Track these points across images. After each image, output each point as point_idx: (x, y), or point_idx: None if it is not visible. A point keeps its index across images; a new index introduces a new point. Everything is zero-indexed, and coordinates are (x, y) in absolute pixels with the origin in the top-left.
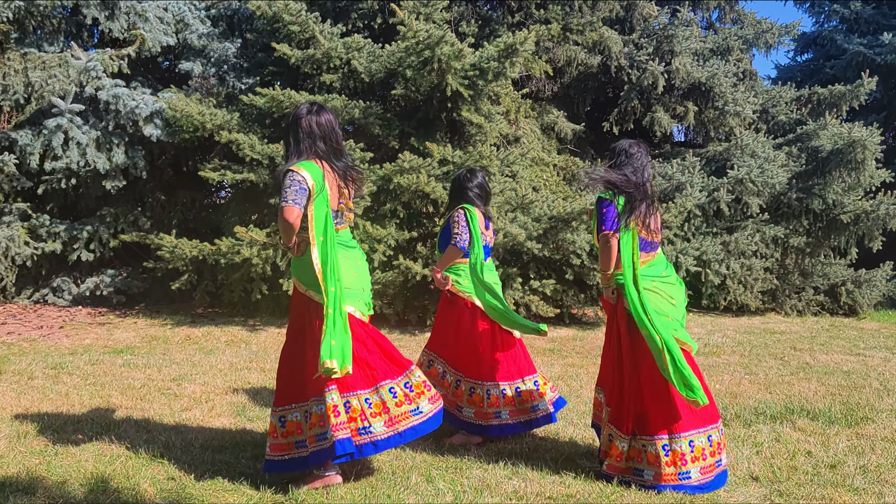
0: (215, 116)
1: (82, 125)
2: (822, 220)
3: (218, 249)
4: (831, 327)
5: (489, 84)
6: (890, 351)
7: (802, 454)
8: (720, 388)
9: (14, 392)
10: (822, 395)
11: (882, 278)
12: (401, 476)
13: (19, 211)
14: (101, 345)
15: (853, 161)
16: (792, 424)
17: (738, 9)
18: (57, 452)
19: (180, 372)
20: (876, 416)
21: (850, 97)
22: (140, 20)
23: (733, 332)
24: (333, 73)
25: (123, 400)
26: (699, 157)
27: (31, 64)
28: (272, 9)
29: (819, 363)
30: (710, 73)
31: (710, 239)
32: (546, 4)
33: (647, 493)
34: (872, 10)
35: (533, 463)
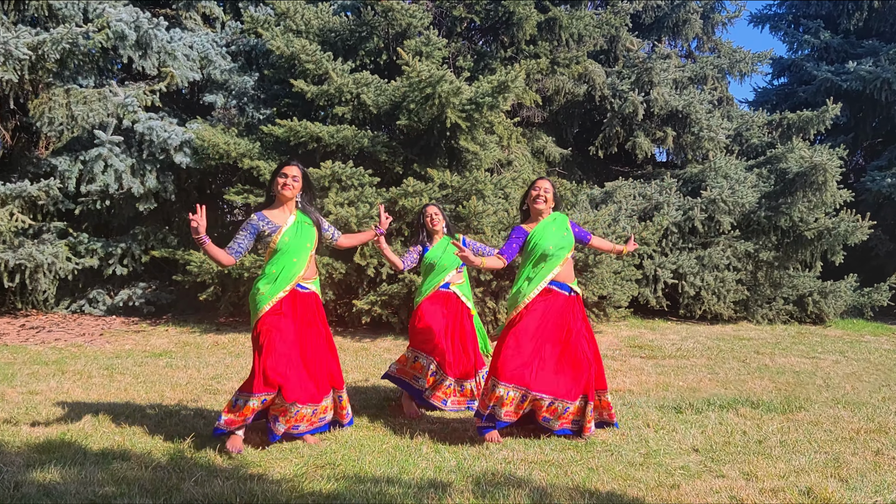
0: (239, 146)
1: (120, 154)
2: (789, 235)
3: (241, 264)
4: (797, 334)
5: (484, 115)
6: (842, 354)
7: (738, 433)
8: (682, 384)
9: (81, 388)
10: (769, 390)
11: (847, 289)
12: (414, 447)
13: (57, 229)
14: (141, 350)
15: (815, 182)
16: (735, 412)
17: (714, 38)
18: (134, 433)
19: (216, 372)
20: (809, 406)
21: (816, 122)
22: (169, 58)
23: (705, 339)
24: (344, 105)
25: (174, 394)
26: (676, 178)
27: (73, 98)
28: (290, 49)
29: (776, 365)
30: (687, 101)
31: (686, 254)
32: (536, 40)
33: (611, 454)
34: (841, 40)
35: (519, 438)
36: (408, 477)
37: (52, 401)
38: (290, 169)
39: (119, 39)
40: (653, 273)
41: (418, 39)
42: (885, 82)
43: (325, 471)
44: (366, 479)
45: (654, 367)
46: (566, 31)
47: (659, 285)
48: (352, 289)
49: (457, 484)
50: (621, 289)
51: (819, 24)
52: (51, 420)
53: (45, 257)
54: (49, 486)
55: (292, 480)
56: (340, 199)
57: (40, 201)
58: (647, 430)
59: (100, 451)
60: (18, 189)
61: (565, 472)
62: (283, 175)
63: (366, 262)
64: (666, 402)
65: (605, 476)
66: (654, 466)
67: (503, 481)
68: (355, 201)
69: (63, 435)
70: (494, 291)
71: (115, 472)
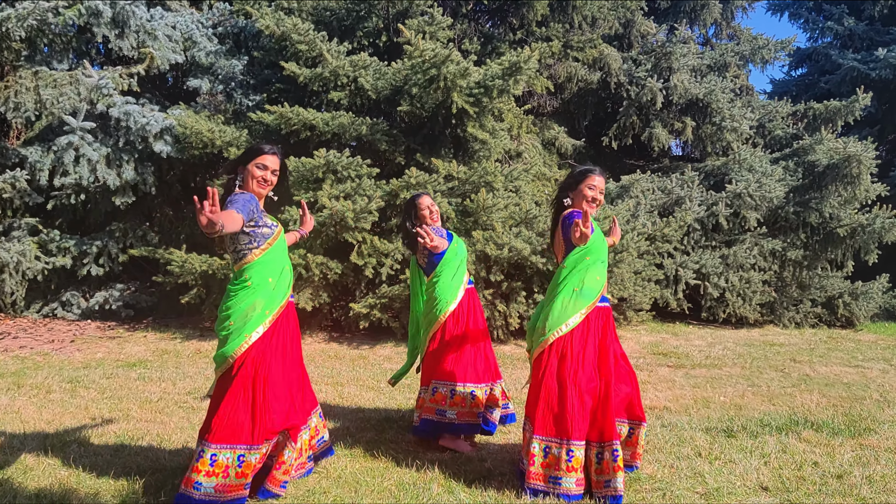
0: (224, 133)
1: (93, 142)
2: (819, 233)
3: (227, 264)
4: (829, 339)
5: (493, 101)
6: (888, 363)
7: (809, 465)
8: (724, 399)
9: (34, 405)
10: (824, 407)
11: (878, 290)
12: (422, 485)
13: (28, 226)
14: (114, 358)
15: (849, 175)
16: (797, 435)
17: (734, 25)
18: (84, 465)
19: (195, 385)
20: (878, 427)
21: (845, 112)
22: (149, 38)
23: (733, 345)
24: (340, 90)
25: (142, 413)
26: (697, 172)
27: (42, 81)
28: (281, 28)
29: (819, 375)
30: (708, 89)
31: (709, 252)
32: (547, 22)
33: (663, 494)
34: (866, 27)
35: None
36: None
37: None
38: (271, 160)
39: (93, 16)
40: (674, 273)
41: (421, 19)
42: None
43: None
44: None
45: (685, 378)
46: (579, 13)
47: (680, 286)
48: (348, 291)
49: None
50: (642, 290)
51: (843, 10)
52: None
53: (10, 256)
54: None
55: None
56: (336, 192)
57: (5, 194)
58: (699, 462)
59: (35, 492)
60: None
61: None
62: (260, 167)
63: (363, 261)
64: (712, 423)
65: None
66: None
67: None
68: (352, 194)
69: None
70: (505, 294)
71: None
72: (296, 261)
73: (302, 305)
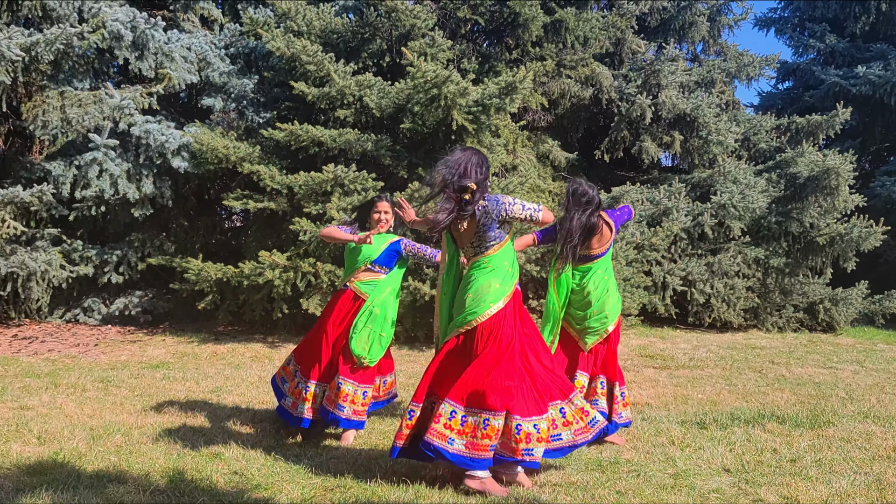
0: (238, 150)
1: (115, 158)
2: (800, 242)
3: (241, 272)
4: (809, 343)
5: (491, 118)
6: (860, 364)
7: (769, 451)
8: (702, 397)
9: (74, 402)
10: (792, 403)
11: (858, 296)
12: (431, 469)
13: (51, 236)
14: (137, 360)
15: (828, 187)
16: (762, 427)
17: (721, 42)
18: (131, 451)
19: (216, 384)
20: (837, 421)
21: (826, 126)
22: (166, 60)
23: (717, 348)
24: (347, 108)
25: (173, 409)
26: (685, 183)
27: (68, 101)
28: (291, 50)
29: (794, 375)
30: (695, 104)
31: (696, 260)
32: (541, 42)
33: (638, 475)
34: (847, 44)
35: None
36: (425, 503)
37: (45, 417)
38: None
39: (115, 40)
40: (661, 280)
41: (423, 41)
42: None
43: (335, 494)
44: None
45: (668, 377)
46: (572, 34)
47: (667, 292)
48: None
49: None
50: (631, 296)
51: (825, 28)
52: (43, 438)
53: (38, 265)
54: None
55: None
56: (343, 204)
57: (33, 207)
58: (672, 448)
59: (94, 472)
60: (10, 195)
61: (592, 496)
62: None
63: None
64: (687, 417)
65: (635, 500)
66: (686, 489)
67: None
68: (359, 206)
69: (56, 455)
70: None
71: (110, 497)
72: (305, 268)
73: (312, 311)
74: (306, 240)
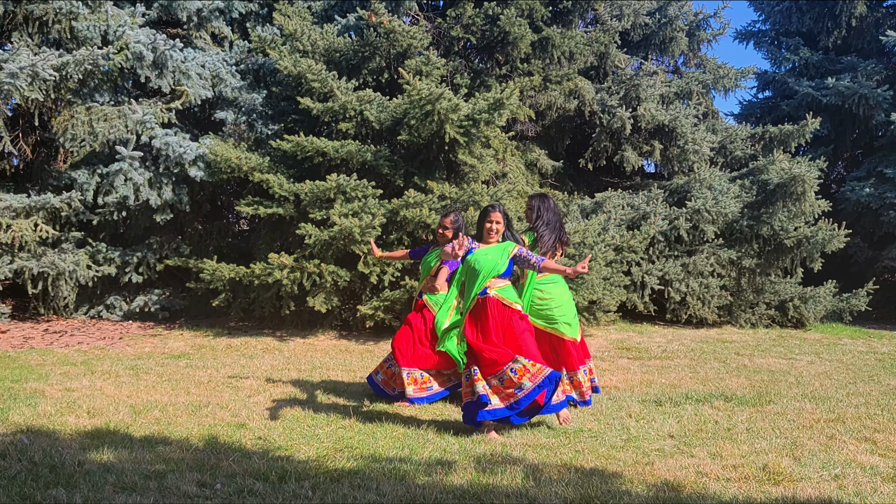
0: (249, 160)
1: (138, 168)
2: (770, 244)
3: (252, 272)
4: (778, 338)
5: (481, 131)
6: (818, 356)
7: (711, 422)
8: (665, 382)
9: (111, 385)
10: (744, 387)
11: (826, 294)
12: (421, 433)
13: (76, 239)
14: (160, 352)
15: (795, 193)
16: (710, 405)
17: (700, 55)
18: (170, 422)
19: (234, 371)
20: (778, 400)
21: (797, 135)
22: (183, 77)
23: (689, 342)
24: (348, 121)
25: (199, 390)
26: (663, 189)
27: (94, 116)
28: (297, 69)
29: (754, 365)
30: (673, 115)
31: (672, 261)
32: (529, 59)
33: (596, 439)
34: (820, 57)
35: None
36: (417, 457)
37: (89, 397)
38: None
39: (137, 60)
40: (640, 279)
41: (418, 59)
42: (863, 97)
43: (345, 453)
44: (381, 459)
45: (639, 367)
46: (558, 50)
47: (646, 291)
48: (356, 295)
49: (460, 462)
50: (610, 294)
51: (799, 42)
52: (93, 412)
53: (66, 265)
54: (108, 465)
55: (317, 460)
56: (345, 210)
57: (63, 212)
58: (628, 420)
59: (143, 437)
60: (42, 201)
61: (555, 454)
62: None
63: (369, 269)
64: (648, 397)
65: (590, 456)
66: (633, 449)
67: (500, 460)
68: (359, 212)
69: (107, 424)
70: None
71: (160, 453)
72: (311, 269)
73: (317, 308)
74: (311, 243)
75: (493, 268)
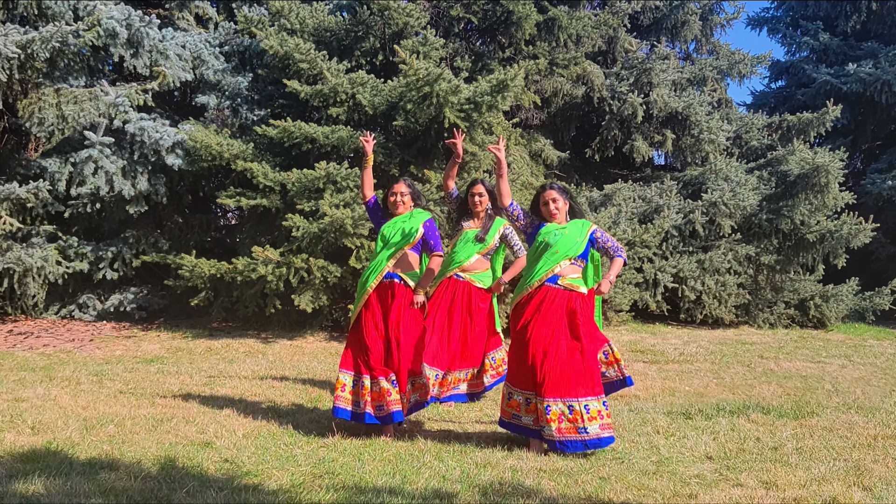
0: (232, 147)
1: (110, 155)
2: (791, 239)
3: (234, 268)
4: (800, 339)
5: (483, 116)
6: (848, 359)
7: (752, 440)
8: (689, 389)
9: (68, 394)
10: (778, 395)
11: (848, 293)
12: (416, 455)
13: (47, 233)
14: (132, 355)
15: (818, 184)
16: (747, 417)
17: (713, 41)
18: (124, 441)
19: (209, 378)
20: (821, 412)
21: (816, 124)
22: (161, 57)
23: (707, 343)
24: (339, 106)
25: (166, 401)
26: (676, 181)
27: (63, 98)
28: (284, 48)
29: (782, 369)
30: (687, 102)
31: (687, 257)
32: (534, 41)
33: (622, 462)
34: (839, 42)
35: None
36: (410, 487)
37: (39, 408)
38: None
39: (110, 37)
40: (653, 277)
41: (415, 39)
42: (886, 84)
43: (324, 480)
44: (366, 490)
45: (658, 371)
46: (565, 32)
47: (659, 289)
48: (347, 293)
49: (462, 494)
50: (622, 292)
51: (818, 26)
52: (37, 428)
53: (34, 261)
54: (32, 499)
55: (289, 491)
56: (336, 201)
57: (29, 204)
58: (656, 437)
59: (87, 460)
60: (7, 191)
61: (576, 482)
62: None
63: (362, 265)
64: (674, 408)
65: (618, 486)
66: (668, 475)
67: (511, 491)
68: (351, 203)
69: (49, 444)
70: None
71: (102, 482)
72: (298, 264)
73: (303, 307)
74: (299, 236)
75: (570, 247)
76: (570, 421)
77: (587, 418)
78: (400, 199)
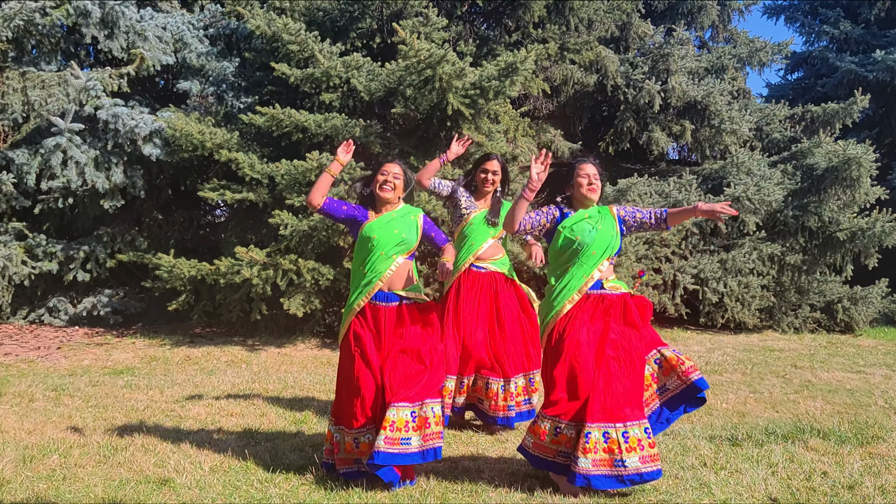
0: (215, 135)
1: (81, 144)
2: (818, 237)
3: (217, 269)
4: (829, 344)
5: (489, 103)
6: (890, 368)
7: (818, 474)
8: (726, 406)
9: (16, 415)
10: (829, 414)
11: (877, 295)
12: (418, 499)
13: (15, 230)
14: (101, 366)
15: (848, 178)
16: (804, 444)
17: (730, 28)
18: (65, 477)
19: (183, 393)
20: (886, 435)
21: (843, 115)
22: (139, 39)
23: (733, 350)
24: (333, 91)
25: (128, 422)
26: (695, 175)
27: (29, 83)
28: (272, 28)
29: (821, 381)
30: (706, 91)
31: (708, 257)
32: (543, 24)
33: None
34: (862, 30)
35: (550, 484)
36: None
37: None
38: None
39: (81, 16)
40: (672, 278)
41: (416, 20)
42: None
43: None
44: None
45: None
46: (576, 15)
47: (678, 291)
48: (341, 297)
49: None
50: (641, 294)
51: (839, 14)
52: None
53: None
54: None
55: None
56: (329, 194)
57: None
58: (704, 471)
59: None
60: None
61: None
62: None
63: None
64: (716, 431)
65: None
66: None
67: None
68: (345, 196)
69: None
70: None
71: None
72: (286, 266)
73: (293, 311)
74: (288, 234)
75: (608, 243)
76: (606, 451)
77: (625, 448)
78: (392, 183)
